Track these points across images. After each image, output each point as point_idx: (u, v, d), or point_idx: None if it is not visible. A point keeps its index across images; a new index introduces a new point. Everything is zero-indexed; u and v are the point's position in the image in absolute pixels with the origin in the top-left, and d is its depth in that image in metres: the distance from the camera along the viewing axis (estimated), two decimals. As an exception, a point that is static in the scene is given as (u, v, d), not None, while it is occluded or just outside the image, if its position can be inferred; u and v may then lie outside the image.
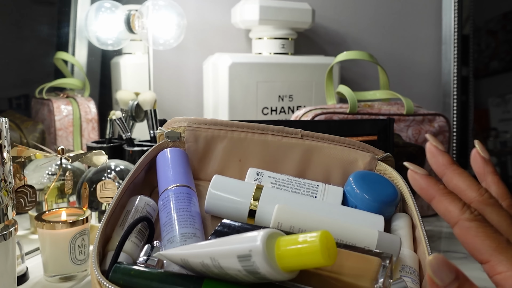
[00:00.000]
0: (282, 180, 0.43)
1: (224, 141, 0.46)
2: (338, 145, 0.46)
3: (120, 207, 0.39)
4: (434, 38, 1.16)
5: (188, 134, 0.46)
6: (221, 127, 0.46)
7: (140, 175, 0.44)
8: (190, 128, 0.46)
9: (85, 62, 0.88)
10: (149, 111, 0.82)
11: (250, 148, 0.46)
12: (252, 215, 0.39)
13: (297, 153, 0.46)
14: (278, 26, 0.92)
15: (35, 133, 0.75)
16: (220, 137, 0.46)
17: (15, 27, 0.73)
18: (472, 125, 1.15)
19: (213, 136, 0.46)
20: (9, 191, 0.44)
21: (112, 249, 0.36)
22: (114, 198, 0.37)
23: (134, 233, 0.36)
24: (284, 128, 0.46)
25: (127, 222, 0.38)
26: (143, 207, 0.40)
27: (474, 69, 1.17)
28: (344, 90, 0.82)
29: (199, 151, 0.47)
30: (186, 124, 0.47)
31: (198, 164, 0.47)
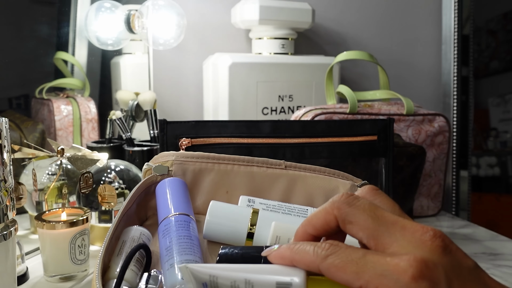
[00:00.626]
0: (273, 205, 0.45)
1: (211, 174, 0.48)
2: (320, 175, 0.49)
3: (115, 238, 0.40)
4: (434, 38, 1.16)
5: (176, 168, 0.48)
6: (208, 160, 0.48)
7: (132, 207, 0.45)
8: (177, 162, 0.48)
9: (85, 62, 0.88)
10: (149, 111, 0.82)
11: (237, 179, 0.48)
12: (251, 236, 0.41)
13: (282, 183, 0.48)
14: (278, 26, 0.93)
15: (35, 133, 0.75)
16: (207, 170, 0.48)
17: (15, 27, 0.73)
18: (472, 125, 1.15)
19: (200, 169, 0.48)
20: (9, 191, 0.44)
21: (111, 278, 0.37)
22: (110, 229, 0.39)
23: (132, 261, 0.37)
24: (268, 160, 0.48)
25: (124, 251, 0.39)
26: (139, 237, 0.41)
27: (474, 69, 1.17)
28: (344, 90, 0.82)
29: (187, 184, 0.48)
30: (174, 158, 0.48)
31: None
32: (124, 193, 0.67)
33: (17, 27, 0.73)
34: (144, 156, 0.78)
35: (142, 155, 0.78)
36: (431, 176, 0.86)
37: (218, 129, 0.58)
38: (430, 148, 0.84)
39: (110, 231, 0.38)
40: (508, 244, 0.72)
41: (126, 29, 0.87)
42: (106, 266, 0.38)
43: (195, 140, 0.60)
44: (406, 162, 0.75)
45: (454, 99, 1.12)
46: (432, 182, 0.86)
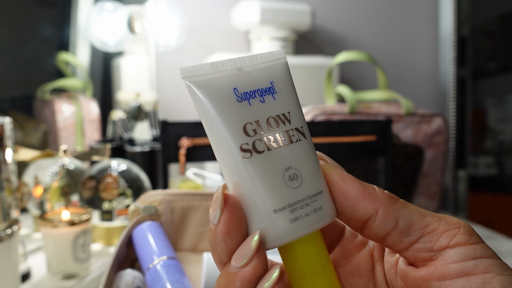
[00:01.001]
0: None
1: (199, 211, 0.49)
2: None
3: (109, 283, 0.41)
4: (432, 39, 1.17)
5: (164, 206, 0.48)
6: (195, 197, 0.49)
7: (123, 250, 0.46)
8: (165, 200, 0.48)
9: (87, 63, 0.89)
10: (151, 111, 0.83)
11: None
12: None
13: None
14: (278, 27, 0.93)
15: (37, 134, 0.75)
16: (195, 207, 0.49)
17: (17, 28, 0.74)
18: (470, 125, 1.16)
19: (188, 206, 0.49)
20: (13, 191, 0.45)
21: None
22: (104, 276, 0.39)
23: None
24: None
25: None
26: (133, 281, 0.41)
27: (472, 70, 1.18)
28: (343, 91, 0.83)
29: (175, 222, 0.49)
30: (162, 197, 0.48)
31: (175, 235, 0.49)
32: (125, 193, 0.68)
33: (20, 29, 0.74)
34: (145, 156, 0.78)
35: (143, 156, 0.78)
36: (429, 175, 0.87)
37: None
38: (428, 148, 0.84)
39: (105, 278, 0.39)
40: (505, 243, 0.73)
41: (128, 30, 0.88)
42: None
43: (196, 140, 0.61)
44: (405, 162, 0.75)
45: (451, 100, 1.13)
46: (430, 182, 0.87)
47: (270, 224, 0.19)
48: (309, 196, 0.20)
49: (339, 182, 0.21)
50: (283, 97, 0.21)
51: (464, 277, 0.19)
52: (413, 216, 0.20)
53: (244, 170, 0.19)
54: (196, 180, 0.80)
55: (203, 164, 0.94)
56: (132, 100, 0.86)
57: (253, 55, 0.22)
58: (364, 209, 0.20)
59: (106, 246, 0.65)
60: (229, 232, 0.19)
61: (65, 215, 0.56)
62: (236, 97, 0.20)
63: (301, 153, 0.20)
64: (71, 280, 0.54)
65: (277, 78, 0.21)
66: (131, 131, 0.84)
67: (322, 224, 0.20)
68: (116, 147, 0.81)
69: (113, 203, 0.66)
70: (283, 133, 0.20)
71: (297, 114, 0.21)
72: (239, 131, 0.19)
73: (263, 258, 0.19)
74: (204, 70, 0.20)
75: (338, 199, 0.21)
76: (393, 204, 0.20)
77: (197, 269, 0.45)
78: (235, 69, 0.21)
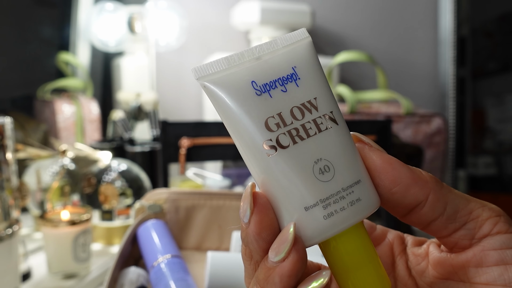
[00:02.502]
0: None
1: (203, 210, 0.49)
2: None
3: (113, 280, 0.41)
4: (432, 39, 1.17)
5: (169, 205, 0.49)
6: (200, 196, 0.49)
7: (127, 247, 0.46)
8: (170, 199, 0.49)
9: (88, 63, 0.89)
10: (151, 111, 0.83)
11: (228, 214, 0.49)
12: None
13: None
14: (278, 27, 0.93)
15: (38, 133, 0.75)
16: (199, 206, 0.49)
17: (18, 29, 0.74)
18: (469, 125, 1.16)
19: (193, 205, 0.49)
20: (13, 191, 0.45)
21: None
22: (109, 273, 0.39)
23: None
24: None
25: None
26: (137, 279, 0.41)
27: (471, 70, 1.18)
28: (343, 91, 0.83)
29: (180, 221, 0.49)
30: (167, 196, 0.49)
31: (180, 233, 0.49)
32: (126, 193, 0.68)
33: (20, 29, 0.74)
34: (146, 156, 0.78)
35: (143, 156, 0.78)
36: (428, 175, 0.87)
37: (219, 130, 0.59)
38: (427, 148, 0.85)
39: (109, 275, 0.39)
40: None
41: (128, 30, 0.88)
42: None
43: (196, 140, 0.61)
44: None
45: (451, 100, 1.13)
46: (429, 182, 0.87)
47: (303, 223, 0.18)
48: (344, 188, 0.19)
49: (386, 168, 0.19)
50: (307, 83, 0.19)
51: (502, 266, 0.19)
52: (459, 201, 0.19)
53: (269, 168, 0.18)
54: (196, 180, 0.81)
55: (203, 164, 0.94)
56: (132, 100, 0.86)
57: (273, 39, 0.20)
58: (415, 195, 0.19)
59: (106, 246, 0.65)
60: (261, 232, 0.18)
61: (65, 215, 0.56)
62: (255, 90, 0.19)
63: (332, 142, 0.19)
64: (71, 279, 0.54)
65: (300, 62, 0.20)
66: (131, 131, 0.84)
67: (362, 217, 0.19)
68: (116, 147, 0.81)
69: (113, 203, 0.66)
70: (310, 122, 0.19)
71: (326, 98, 0.19)
72: (261, 127, 0.18)
73: (301, 252, 0.18)
74: (218, 67, 0.19)
75: (386, 185, 0.19)
76: (441, 189, 0.19)
77: (201, 267, 0.45)
78: (253, 59, 0.19)
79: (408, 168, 0.20)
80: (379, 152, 0.20)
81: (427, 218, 0.19)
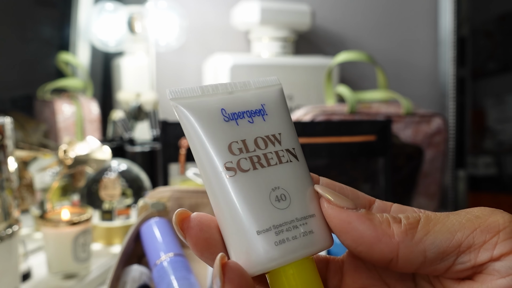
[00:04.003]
0: None
1: (207, 208, 0.49)
2: None
3: (116, 278, 0.41)
4: (432, 39, 1.17)
5: (172, 203, 0.48)
6: (203, 194, 0.49)
7: (131, 245, 0.46)
8: (174, 197, 0.48)
9: (88, 63, 0.89)
10: (151, 111, 0.83)
11: None
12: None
13: None
14: (278, 27, 0.93)
15: (38, 133, 0.75)
16: (203, 205, 0.49)
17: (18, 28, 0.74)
18: (469, 125, 1.16)
19: (196, 203, 0.49)
20: (13, 191, 0.45)
21: None
22: (111, 271, 0.39)
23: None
24: None
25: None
26: (140, 277, 0.41)
27: (471, 70, 1.18)
28: (343, 91, 0.83)
29: None
30: (171, 194, 0.48)
31: None
32: (126, 193, 0.68)
33: (20, 29, 0.74)
34: (146, 156, 0.78)
35: (143, 156, 0.78)
36: (428, 175, 0.87)
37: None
38: (427, 148, 0.85)
39: (112, 273, 0.39)
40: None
41: (128, 30, 0.88)
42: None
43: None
44: (404, 162, 0.76)
45: (451, 100, 1.13)
46: (429, 182, 0.87)
47: (253, 246, 0.18)
48: (299, 219, 0.18)
49: (345, 228, 0.18)
50: (274, 119, 0.20)
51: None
52: (441, 240, 0.17)
53: (227, 189, 0.18)
54: (196, 180, 0.80)
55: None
56: (132, 100, 0.86)
57: (246, 81, 0.21)
58: (381, 253, 0.17)
59: (106, 246, 0.65)
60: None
61: (66, 214, 0.56)
62: (223, 117, 0.20)
63: (291, 174, 0.19)
64: (71, 279, 0.54)
65: (269, 102, 0.21)
66: (131, 131, 0.84)
67: (313, 250, 0.18)
68: (116, 147, 0.81)
69: (113, 202, 0.66)
70: (272, 153, 0.19)
71: (289, 135, 0.20)
72: (224, 150, 0.19)
73: (237, 281, 0.17)
74: (193, 93, 0.20)
75: (349, 245, 0.18)
76: (413, 237, 0.17)
77: (203, 266, 0.45)
78: (226, 92, 0.20)
79: (371, 225, 0.18)
80: (337, 211, 0.18)
81: (408, 269, 0.18)
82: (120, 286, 0.40)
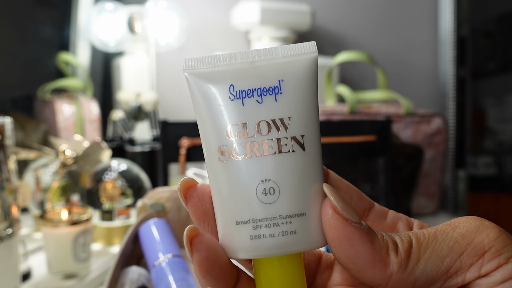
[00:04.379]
0: None
1: None
2: None
3: (114, 280, 0.41)
4: (432, 39, 1.17)
5: (171, 204, 0.48)
6: None
7: (129, 246, 0.46)
8: (172, 197, 0.48)
9: (88, 63, 0.89)
10: (151, 111, 0.83)
11: None
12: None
13: None
14: (278, 27, 0.93)
15: (38, 133, 0.75)
16: None
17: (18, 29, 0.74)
18: (469, 125, 1.16)
19: None
20: (13, 191, 0.45)
21: None
22: (110, 272, 0.39)
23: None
24: None
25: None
26: (138, 278, 0.41)
27: (471, 70, 1.18)
28: (343, 91, 0.83)
29: (182, 219, 0.48)
30: (169, 194, 0.48)
31: (181, 232, 0.49)
32: (126, 193, 0.68)
33: (20, 29, 0.74)
34: (146, 156, 0.78)
35: (143, 156, 0.78)
36: (428, 175, 0.87)
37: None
38: (427, 148, 0.85)
39: (110, 274, 0.38)
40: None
41: (128, 30, 0.88)
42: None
43: (196, 140, 0.61)
44: (404, 162, 0.76)
45: (451, 100, 1.13)
46: (429, 182, 0.87)
47: (230, 234, 0.18)
48: (282, 216, 0.17)
49: (344, 243, 0.17)
50: (287, 100, 0.18)
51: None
52: (431, 268, 0.17)
53: (217, 173, 0.18)
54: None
55: (203, 164, 0.94)
56: (132, 100, 0.86)
57: (278, 47, 0.19)
58: (372, 277, 0.17)
59: (106, 246, 0.65)
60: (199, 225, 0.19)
61: (65, 214, 0.56)
62: (229, 94, 0.18)
63: (288, 166, 0.18)
64: (71, 279, 0.54)
65: (290, 76, 0.18)
66: (131, 131, 0.84)
67: (292, 250, 0.18)
68: (116, 147, 0.81)
69: (113, 203, 0.66)
70: (273, 140, 0.18)
71: (301, 121, 0.18)
72: (221, 132, 0.18)
73: (203, 253, 0.17)
74: (208, 63, 0.19)
75: (341, 260, 0.17)
76: (406, 268, 0.17)
77: None
78: (246, 62, 0.18)
79: (371, 248, 0.17)
80: (341, 223, 0.17)
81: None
82: (118, 287, 0.40)
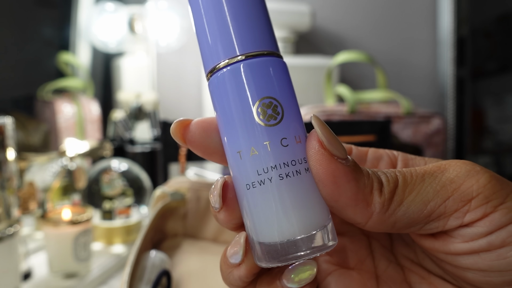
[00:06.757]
0: None
1: None
2: None
3: (136, 263, 0.41)
4: (431, 39, 1.17)
5: (191, 194, 0.49)
6: None
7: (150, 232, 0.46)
8: (193, 188, 0.49)
9: (88, 63, 0.89)
10: (151, 111, 0.83)
11: None
12: None
13: None
14: (278, 27, 0.94)
15: (38, 134, 0.75)
16: None
17: (19, 29, 0.74)
18: (469, 125, 1.16)
19: None
20: (14, 190, 0.45)
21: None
22: (132, 256, 0.39)
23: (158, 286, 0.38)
24: None
25: (145, 277, 0.40)
26: (159, 263, 0.41)
27: (471, 70, 1.18)
28: (343, 91, 0.84)
29: (200, 210, 0.49)
30: (190, 185, 0.49)
31: (199, 222, 0.50)
32: (126, 193, 0.68)
33: (21, 30, 0.74)
34: (146, 156, 0.79)
35: (144, 156, 0.79)
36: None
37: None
38: (427, 148, 0.85)
39: (133, 258, 0.39)
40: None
41: (129, 31, 0.88)
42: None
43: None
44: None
45: (450, 100, 1.13)
46: (429, 182, 0.87)
47: None
48: None
49: (328, 179, 0.17)
50: None
51: (475, 255, 0.16)
52: (413, 211, 0.17)
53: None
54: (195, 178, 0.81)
55: (203, 163, 0.94)
56: (132, 100, 0.87)
57: None
58: (353, 215, 0.17)
59: (107, 246, 0.66)
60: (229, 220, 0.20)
61: (66, 214, 0.56)
62: None
63: None
64: (72, 279, 0.55)
65: None
66: (132, 131, 0.84)
67: None
68: (117, 147, 0.81)
69: (114, 202, 0.66)
70: None
71: None
72: None
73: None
74: None
75: (324, 197, 0.17)
76: (388, 209, 0.17)
77: (216, 261, 0.45)
78: None
79: (355, 186, 0.17)
80: (327, 159, 0.17)
81: (372, 231, 0.18)
82: (139, 271, 0.40)
